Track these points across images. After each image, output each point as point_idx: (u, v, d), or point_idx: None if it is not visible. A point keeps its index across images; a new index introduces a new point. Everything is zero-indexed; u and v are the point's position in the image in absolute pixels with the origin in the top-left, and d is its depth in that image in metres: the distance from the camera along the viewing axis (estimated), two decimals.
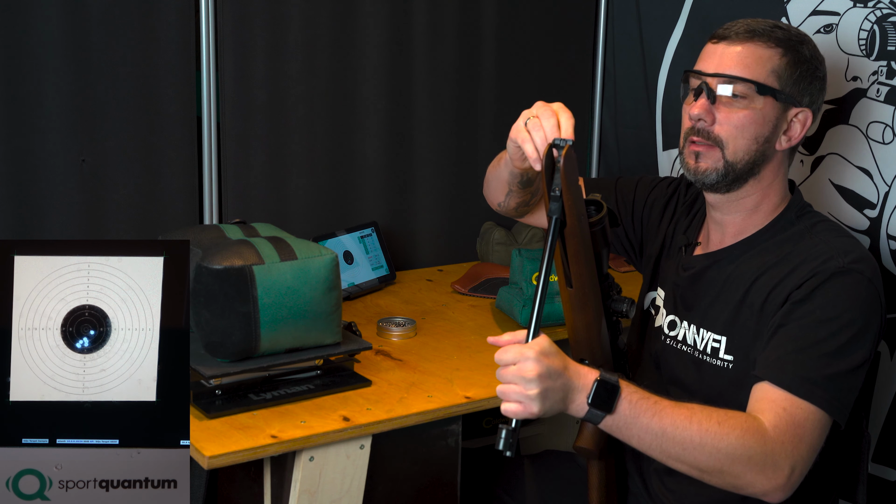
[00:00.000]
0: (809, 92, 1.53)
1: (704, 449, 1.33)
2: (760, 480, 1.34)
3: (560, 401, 1.31)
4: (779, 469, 1.34)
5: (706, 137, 1.52)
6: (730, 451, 1.33)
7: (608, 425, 1.33)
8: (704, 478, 1.37)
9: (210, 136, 2.14)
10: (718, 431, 1.33)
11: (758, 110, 1.50)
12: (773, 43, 1.51)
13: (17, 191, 1.95)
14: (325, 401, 1.55)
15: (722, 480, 1.36)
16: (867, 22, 1.94)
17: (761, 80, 1.49)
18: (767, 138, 1.51)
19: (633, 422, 1.33)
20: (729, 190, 1.54)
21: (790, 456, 1.35)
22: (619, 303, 1.43)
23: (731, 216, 1.58)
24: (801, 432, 1.37)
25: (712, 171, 1.52)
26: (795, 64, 1.51)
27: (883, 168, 1.95)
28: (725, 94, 1.50)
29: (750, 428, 1.34)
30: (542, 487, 1.79)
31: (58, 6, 1.93)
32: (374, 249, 2.26)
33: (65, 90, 1.96)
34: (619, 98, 2.64)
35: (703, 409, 1.35)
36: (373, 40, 2.30)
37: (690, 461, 1.34)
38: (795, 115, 1.52)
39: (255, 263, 1.49)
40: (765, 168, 1.54)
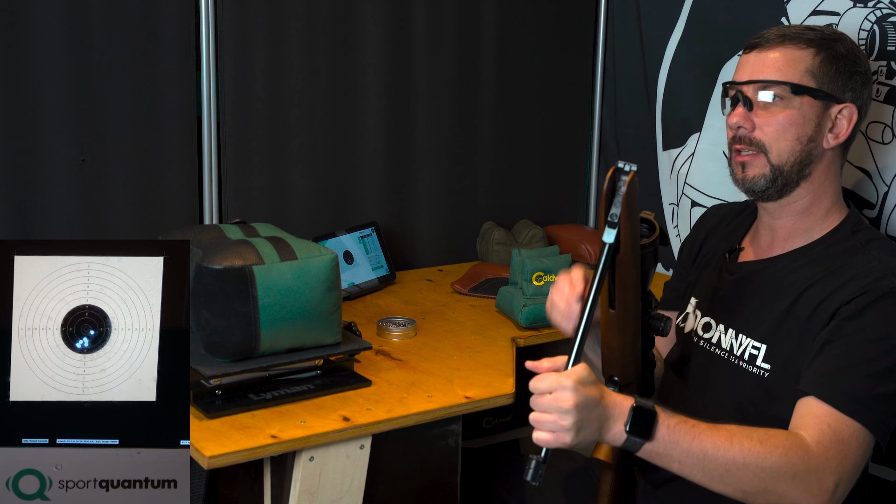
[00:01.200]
0: (851, 87, 1.52)
1: (748, 469, 1.30)
2: (805, 498, 1.32)
3: (595, 431, 1.28)
4: (823, 485, 1.32)
5: (749, 144, 1.53)
6: (774, 469, 1.30)
7: (648, 452, 1.30)
8: (748, 499, 1.34)
9: (210, 136, 2.14)
10: (761, 451, 1.30)
11: (796, 111, 1.50)
12: (804, 44, 1.51)
13: (17, 191, 1.95)
14: (325, 401, 1.55)
15: (767, 500, 1.33)
16: (867, 22, 1.94)
17: (795, 80, 1.50)
18: (811, 137, 1.51)
19: (674, 447, 1.30)
20: (781, 195, 1.54)
21: (834, 472, 1.32)
22: (658, 321, 1.41)
23: (783, 220, 1.57)
24: (845, 449, 1.34)
25: (760, 178, 1.52)
26: (831, 61, 1.51)
27: (882, 168, 1.95)
28: (761, 98, 1.51)
29: (793, 445, 1.32)
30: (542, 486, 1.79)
31: (58, 6, 1.93)
32: (374, 249, 2.26)
33: (65, 90, 1.96)
34: (619, 98, 2.64)
35: (742, 430, 1.32)
36: (373, 40, 2.30)
37: (734, 483, 1.31)
38: (840, 112, 1.52)
39: (255, 263, 1.49)
40: (814, 168, 1.53)
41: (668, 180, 2.46)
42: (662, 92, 2.46)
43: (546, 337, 1.95)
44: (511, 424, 2.39)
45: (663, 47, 2.43)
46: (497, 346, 1.85)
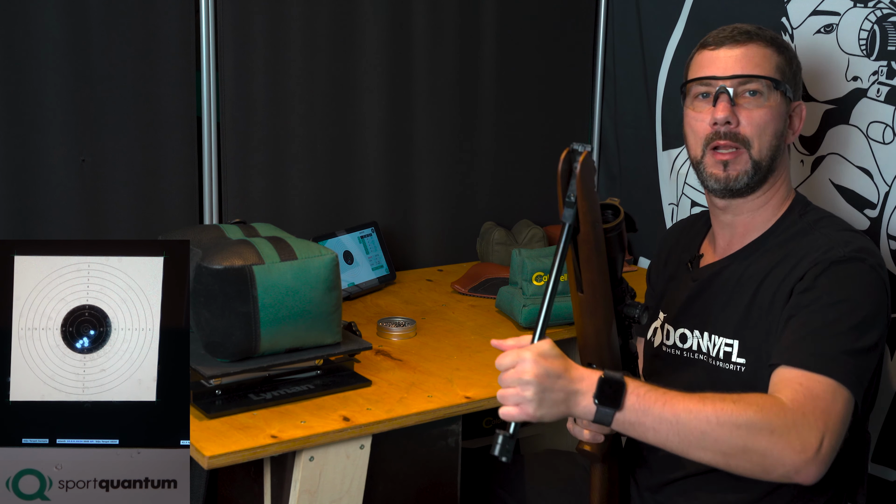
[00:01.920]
0: (799, 86, 1.60)
1: (724, 428, 1.26)
2: (789, 454, 1.26)
3: (561, 402, 1.28)
4: (807, 441, 1.27)
5: (733, 139, 1.52)
6: (750, 425, 1.26)
7: (620, 423, 1.29)
8: (731, 464, 1.29)
9: (210, 136, 2.14)
10: (734, 409, 1.27)
11: (774, 107, 1.53)
12: (766, 42, 1.56)
13: (17, 191, 1.95)
14: (325, 401, 1.55)
15: (749, 461, 1.28)
16: (867, 22, 1.94)
17: (772, 75, 1.53)
18: (782, 133, 1.56)
19: (645, 414, 1.28)
20: (753, 191, 1.55)
21: (815, 427, 1.28)
22: (633, 308, 1.40)
23: (743, 216, 1.58)
24: (822, 405, 1.31)
25: (743, 175, 1.52)
26: (789, 61, 1.57)
27: (883, 168, 1.95)
28: (747, 93, 1.52)
29: (767, 402, 1.29)
30: (542, 487, 1.79)
31: (58, 6, 1.93)
32: (374, 249, 2.26)
33: (65, 90, 1.96)
34: (619, 98, 2.64)
35: (715, 394, 1.30)
36: (373, 40, 2.30)
37: (711, 445, 1.27)
38: (794, 109, 1.58)
39: (255, 263, 1.49)
40: (779, 163, 1.57)
41: (668, 180, 2.46)
42: (662, 92, 2.46)
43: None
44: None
45: (663, 47, 2.43)
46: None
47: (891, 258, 1.97)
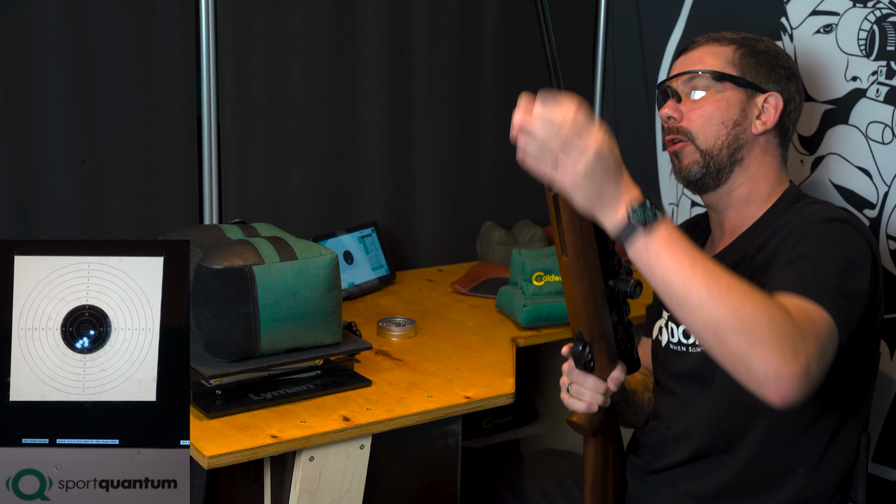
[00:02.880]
0: (774, 79, 1.60)
1: (732, 300, 1.16)
2: (776, 359, 1.16)
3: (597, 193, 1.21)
4: (797, 355, 1.17)
5: (678, 133, 1.60)
6: (757, 314, 1.17)
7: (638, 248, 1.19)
8: (719, 336, 1.18)
9: (210, 136, 2.14)
10: (751, 292, 1.18)
11: (720, 97, 1.58)
12: (726, 42, 1.62)
13: (17, 191, 1.95)
14: (325, 401, 1.55)
15: (735, 345, 1.17)
16: (867, 22, 1.94)
17: (717, 69, 1.58)
18: (736, 122, 1.58)
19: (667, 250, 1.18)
20: (718, 184, 1.60)
21: (807, 347, 1.19)
22: (625, 283, 1.36)
23: (727, 212, 1.62)
24: (816, 330, 1.25)
25: (693, 164, 1.59)
26: (751, 54, 1.60)
27: (882, 168, 1.95)
28: (685, 90, 1.60)
29: (782, 306, 1.21)
30: (542, 486, 1.79)
31: (58, 7, 1.93)
32: (374, 249, 2.26)
33: (65, 90, 1.96)
34: (619, 98, 2.64)
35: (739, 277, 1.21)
36: (373, 40, 2.30)
37: (712, 310, 1.17)
38: (765, 100, 1.58)
39: (255, 263, 1.49)
40: (746, 154, 1.59)
41: (668, 180, 2.46)
42: None
43: (546, 337, 1.95)
44: (511, 424, 2.39)
45: (663, 47, 2.44)
46: (497, 346, 1.85)
47: (890, 258, 1.97)
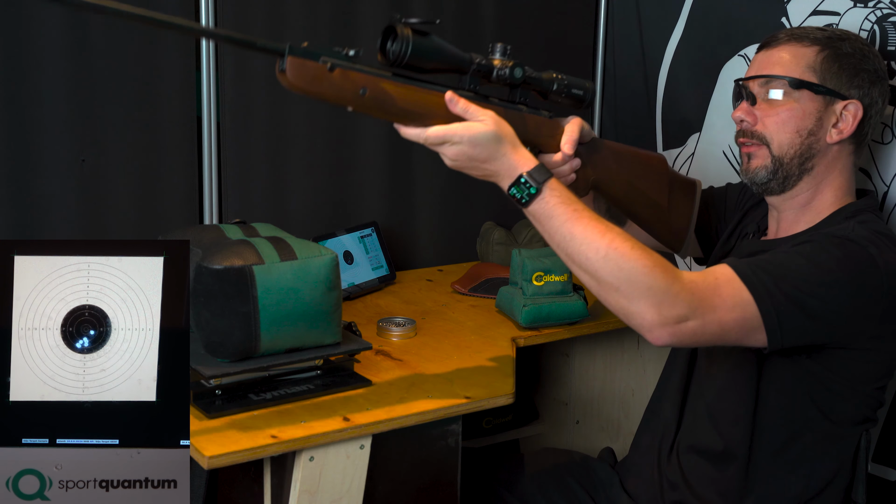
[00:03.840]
0: (857, 84, 1.55)
1: (608, 263, 1.35)
2: (650, 312, 1.34)
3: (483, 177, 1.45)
4: (672, 308, 1.34)
5: (752, 137, 1.58)
6: (632, 273, 1.34)
7: (529, 214, 1.41)
8: (601, 292, 1.38)
9: (210, 136, 2.14)
10: (629, 253, 1.35)
11: (796, 104, 1.54)
12: (809, 42, 1.56)
13: (17, 191, 1.95)
14: (325, 401, 1.55)
15: (613, 300, 1.37)
16: (867, 22, 1.94)
17: (795, 75, 1.54)
18: (811, 131, 1.55)
19: (546, 221, 1.39)
20: (783, 189, 1.58)
21: (689, 305, 1.35)
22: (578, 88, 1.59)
23: (786, 213, 1.62)
24: (717, 301, 1.37)
25: (762, 169, 1.57)
26: (834, 59, 1.54)
27: (882, 168, 1.95)
28: (761, 93, 1.57)
29: (662, 265, 1.36)
30: (542, 484, 1.79)
31: (58, 6, 1.93)
32: (374, 249, 2.26)
33: (65, 90, 1.96)
34: (619, 98, 2.64)
35: (621, 232, 1.38)
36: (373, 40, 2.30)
37: (592, 270, 1.37)
38: (844, 108, 1.55)
39: (255, 263, 1.49)
40: (817, 163, 1.56)
41: None
42: (662, 92, 2.46)
43: (546, 337, 1.95)
44: (511, 424, 2.39)
45: (663, 47, 2.43)
46: (497, 346, 1.85)
47: None
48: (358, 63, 1.41)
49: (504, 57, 1.52)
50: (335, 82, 1.38)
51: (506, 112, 1.50)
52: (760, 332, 1.39)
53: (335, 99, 1.39)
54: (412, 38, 1.40)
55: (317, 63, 1.37)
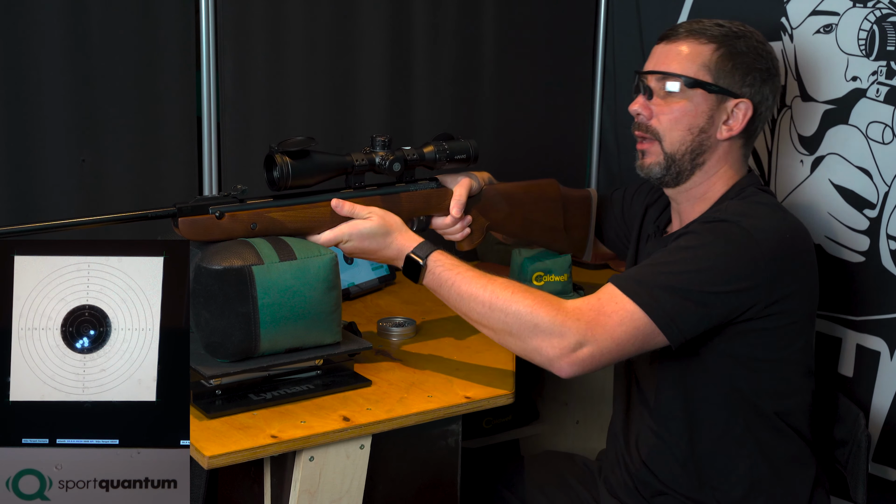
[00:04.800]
0: (749, 83, 1.59)
1: (495, 312, 1.48)
2: (545, 346, 1.44)
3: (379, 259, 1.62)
4: (564, 339, 1.43)
5: (645, 131, 1.62)
6: (518, 314, 1.45)
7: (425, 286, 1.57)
8: (501, 340, 1.51)
9: (210, 136, 2.14)
10: (510, 297, 1.47)
11: (690, 103, 1.58)
12: (706, 39, 1.60)
13: (17, 191, 1.95)
14: (325, 401, 1.55)
15: (512, 344, 1.50)
16: (867, 22, 1.94)
17: (690, 73, 1.58)
18: (703, 129, 1.59)
19: (438, 290, 1.56)
20: (677, 183, 1.63)
21: (581, 332, 1.42)
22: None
23: (682, 205, 1.67)
24: (603, 320, 1.43)
25: (655, 165, 1.62)
26: (729, 57, 1.58)
27: (883, 168, 1.95)
28: (657, 88, 1.60)
29: (545, 301, 1.46)
30: (542, 486, 1.80)
31: (58, 6, 1.93)
32: None
33: (65, 90, 1.96)
34: (619, 98, 2.64)
35: (504, 281, 1.51)
36: (373, 40, 2.30)
37: (485, 324, 1.51)
38: (735, 106, 1.59)
39: (254, 264, 1.49)
40: (708, 158, 1.61)
41: None
42: None
43: None
44: (511, 424, 2.39)
45: None
46: (497, 346, 1.84)
47: (890, 258, 1.97)
48: (247, 198, 1.56)
49: (385, 150, 1.68)
50: (226, 227, 1.54)
51: (385, 199, 1.67)
52: (658, 336, 1.45)
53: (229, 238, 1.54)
54: (290, 163, 1.56)
55: (206, 215, 1.52)
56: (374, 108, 2.33)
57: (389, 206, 1.67)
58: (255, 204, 1.58)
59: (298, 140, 1.56)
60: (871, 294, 2.01)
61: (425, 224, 1.75)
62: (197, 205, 1.53)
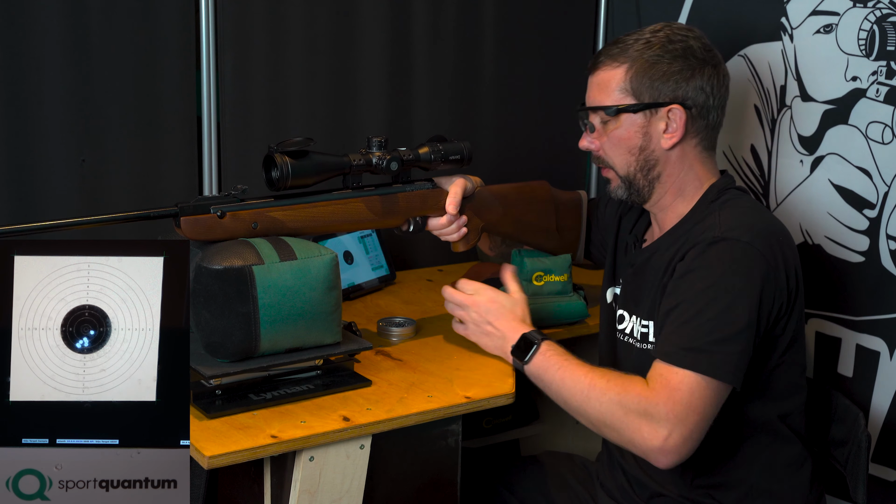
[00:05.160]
0: (671, 88, 1.59)
1: (591, 400, 1.49)
2: (639, 439, 1.45)
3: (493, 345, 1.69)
4: (655, 430, 1.43)
5: (600, 162, 1.68)
6: (612, 402, 1.47)
7: (528, 373, 1.61)
8: (602, 432, 1.51)
9: (210, 136, 2.14)
10: (605, 386, 1.48)
11: (621, 129, 1.62)
12: (618, 62, 1.61)
13: (17, 191, 1.95)
14: (325, 401, 1.55)
15: (614, 433, 1.49)
16: (867, 22, 1.94)
17: (612, 102, 1.61)
18: (642, 147, 1.62)
19: (543, 374, 1.57)
20: (645, 199, 1.66)
21: (665, 419, 1.43)
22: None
23: (658, 214, 1.69)
24: (677, 396, 1.44)
25: (618, 188, 1.67)
26: (643, 72, 1.59)
27: (882, 168, 1.96)
28: (594, 121, 1.66)
29: (631, 385, 1.47)
30: (542, 486, 1.80)
31: (58, 6, 1.93)
32: (374, 249, 2.26)
33: (65, 90, 1.96)
34: None
35: (602, 370, 1.52)
36: (373, 40, 2.30)
37: (584, 413, 1.52)
38: (668, 113, 1.60)
39: (254, 263, 1.49)
40: (662, 169, 1.63)
41: None
42: None
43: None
44: (511, 424, 2.39)
45: None
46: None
47: (890, 258, 1.97)
48: (248, 198, 1.58)
49: (382, 150, 1.70)
50: (228, 226, 1.55)
51: (383, 198, 1.69)
52: (724, 388, 1.46)
53: (231, 237, 1.55)
54: (290, 163, 1.57)
55: (208, 215, 1.54)
56: (374, 107, 2.33)
57: (387, 205, 1.68)
58: (256, 203, 1.59)
59: (297, 140, 1.57)
60: (871, 294, 2.01)
61: (422, 225, 1.76)
62: (198, 204, 1.54)
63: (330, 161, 1.64)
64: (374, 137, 1.70)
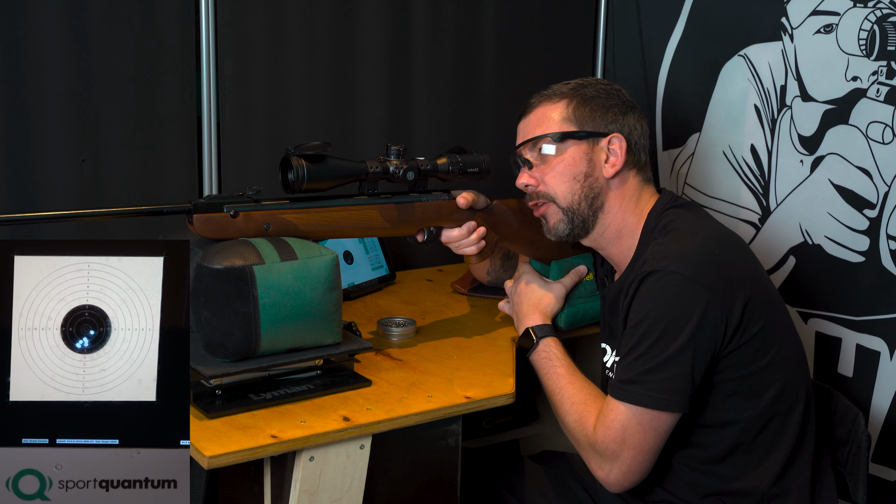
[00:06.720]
0: (612, 119, 1.64)
1: (560, 413, 1.61)
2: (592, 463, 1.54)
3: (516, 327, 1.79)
4: (600, 459, 1.53)
5: (538, 198, 1.69)
6: (574, 423, 1.57)
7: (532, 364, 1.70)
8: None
9: (210, 136, 2.14)
10: (569, 407, 1.58)
11: (566, 156, 1.63)
12: (557, 98, 1.65)
13: (17, 191, 1.95)
14: (325, 401, 1.55)
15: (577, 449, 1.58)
16: (867, 22, 1.94)
17: (555, 130, 1.63)
18: (587, 173, 1.64)
19: (538, 370, 1.68)
20: (588, 232, 1.67)
21: (604, 452, 1.51)
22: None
23: (606, 249, 1.71)
24: (611, 433, 1.50)
25: (559, 223, 1.67)
26: (584, 103, 1.64)
27: (883, 168, 1.96)
28: (534, 155, 1.65)
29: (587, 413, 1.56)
30: (541, 485, 1.80)
31: (58, 6, 1.93)
32: (373, 249, 2.26)
33: (65, 90, 1.96)
34: None
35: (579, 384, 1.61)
36: (373, 40, 2.30)
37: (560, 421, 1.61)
38: (609, 143, 1.63)
39: (255, 263, 1.49)
40: (605, 199, 1.65)
41: (668, 180, 2.46)
42: (662, 92, 2.46)
43: None
44: (511, 424, 2.38)
45: (663, 47, 2.44)
46: (497, 346, 1.85)
47: (890, 258, 1.97)
48: (261, 199, 1.58)
49: (399, 158, 1.69)
50: (240, 226, 1.55)
51: (399, 207, 1.70)
52: (661, 416, 1.49)
53: (243, 237, 1.55)
54: (306, 166, 1.57)
55: (221, 213, 1.53)
56: (374, 107, 2.33)
57: (402, 214, 1.69)
58: (270, 205, 1.59)
59: (315, 144, 1.57)
60: (871, 294, 2.01)
61: (435, 236, 1.77)
62: (212, 202, 1.54)
63: (346, 166, 1.63)
64: (392, 145, 1.70)
